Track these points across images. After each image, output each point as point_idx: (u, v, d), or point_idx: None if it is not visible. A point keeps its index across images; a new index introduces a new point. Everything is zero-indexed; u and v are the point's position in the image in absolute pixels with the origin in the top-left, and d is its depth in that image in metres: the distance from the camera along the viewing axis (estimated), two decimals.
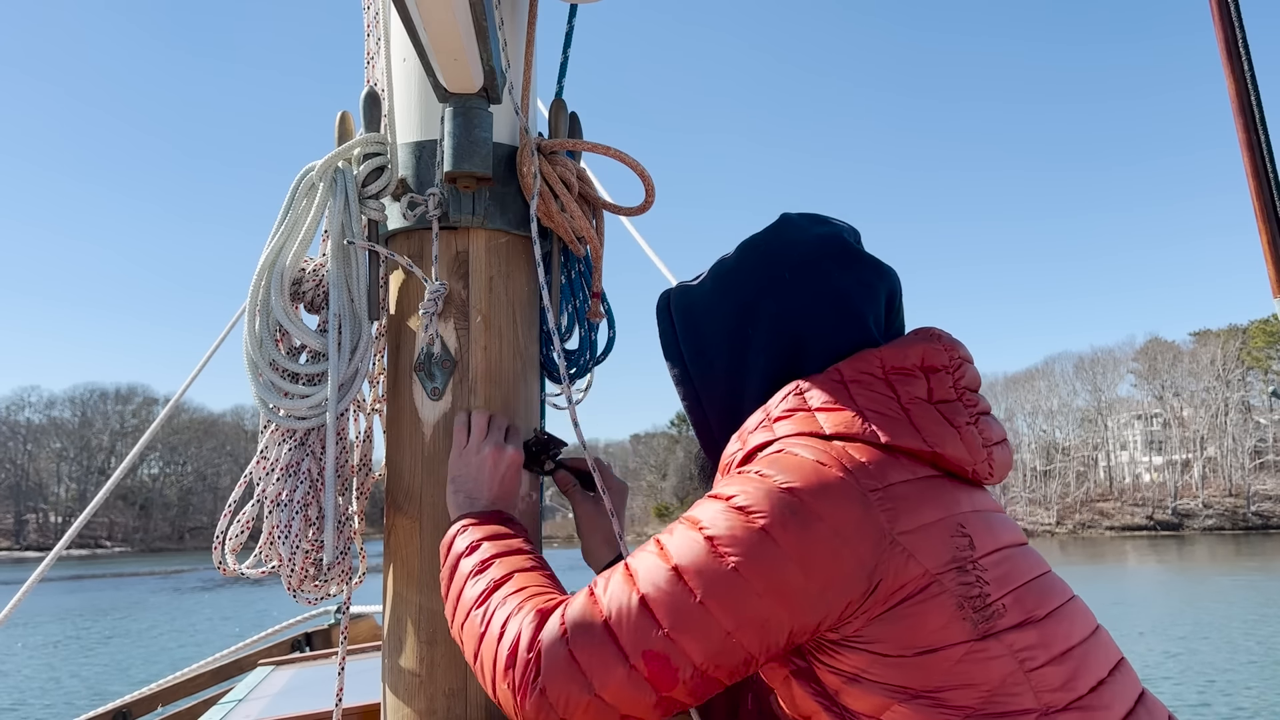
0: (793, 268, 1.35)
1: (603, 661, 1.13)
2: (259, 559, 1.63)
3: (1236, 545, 64.45)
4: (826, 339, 1.32)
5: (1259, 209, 1.85)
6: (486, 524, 1.44)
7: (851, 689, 1.16)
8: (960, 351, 1.33)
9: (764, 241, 1.41)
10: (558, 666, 1.14)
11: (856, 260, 1.37)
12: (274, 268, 1.62)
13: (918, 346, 1.30)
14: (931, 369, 1.29)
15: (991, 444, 1.29)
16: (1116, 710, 1.18)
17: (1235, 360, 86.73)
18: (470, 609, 1.31)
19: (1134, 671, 1.27)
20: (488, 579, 1.33)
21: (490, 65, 1.51)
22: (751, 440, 1.28)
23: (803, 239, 1.38)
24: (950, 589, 1.14)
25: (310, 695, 2.90)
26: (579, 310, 1.87)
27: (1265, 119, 1.84)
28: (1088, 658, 1.20)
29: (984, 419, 1.30)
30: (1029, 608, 1.18)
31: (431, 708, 1.59)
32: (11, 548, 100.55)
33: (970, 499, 1.25)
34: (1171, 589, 34.01)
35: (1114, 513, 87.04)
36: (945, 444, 1.23)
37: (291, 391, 1.61)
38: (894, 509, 1.15)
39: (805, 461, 1.17)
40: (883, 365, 1.28)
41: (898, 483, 1.18)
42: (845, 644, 1.15)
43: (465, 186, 1.64)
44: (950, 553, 1.16)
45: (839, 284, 1.34)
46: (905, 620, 1.13)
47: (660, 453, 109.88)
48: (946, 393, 1.28)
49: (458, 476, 1.55)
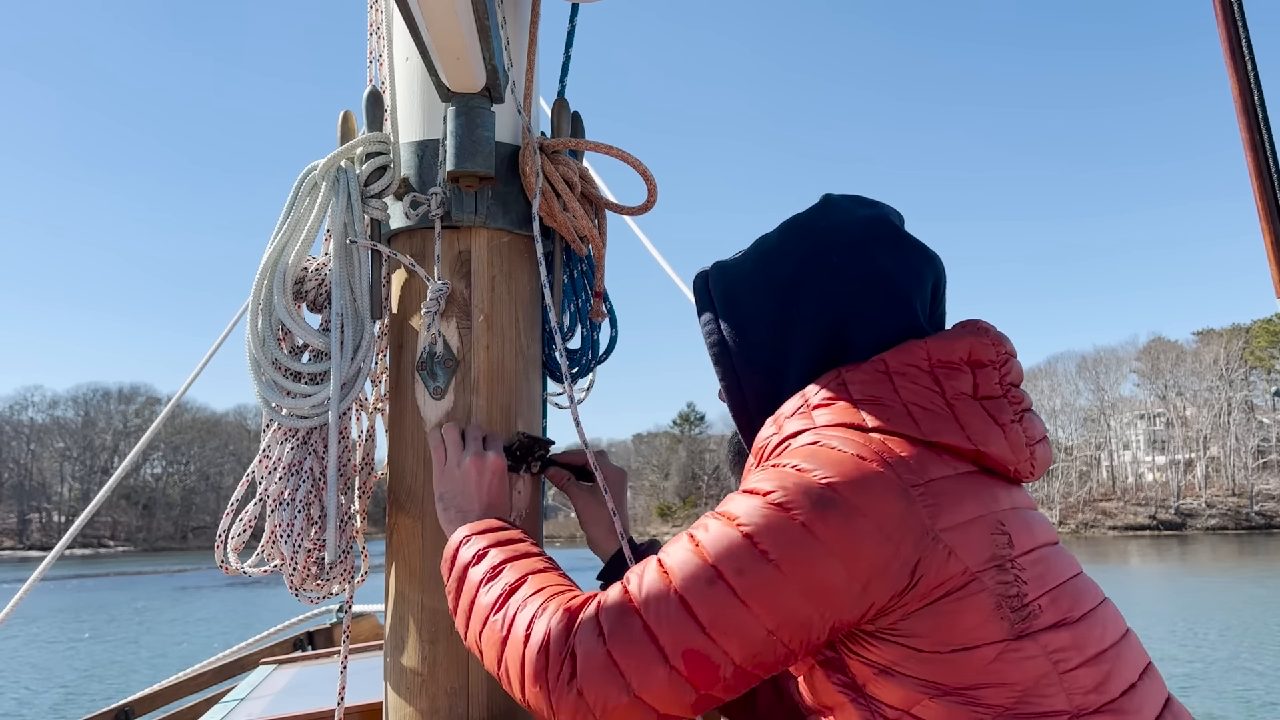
0: (839, 250, 1.32)
1: (642, 662, 1.10)
2: (261, 558, 1.63)
3: (1239, 545, 64.36)
4: (872, 323, 1.28)
5: (1262, 209, 1.85)
6: (489, 532, 1.41)
7: (881, 681, 1.14)
8: (1007, 346, 1.30)
9: (809, 222, 1.37)
10: (595, 667, 1.11)
11: (904, 244, 1.34)
12: (276, 267, 1.62)
13: (965, 340, 1.27)
14: (978, 363, 1.26)
15: (1034, 442, 1.27)
16: (1147, 714, 1.17)
17: (1238, 360, 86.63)
18: (488, 615, 1.26)
19: (1161, 676, 1.25)
20: (502, 584, 1.28)
21: (493, 64, 1.51)
22: (788, 426, 1.25)
23: (849, 220, 1.35)
24: (989, 587, 1.12)
25: (312, 694, 2.91)
26: (581, 309, 1.87)
27: (1269, 119, 1.84)
28: (1119, 661, 1.18)
29: (1028, 416, 1.28)
30: (1064, 609, 1.17)
31: (434, 706, 1.59)
32: (15, 547, 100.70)
33: (1009, 496, 1.23)
34: (1173, 589, 33.96)
35: (1117, 512, 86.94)
36: (989, 442, 1.21)
37: (294, 390, 1.61)
38: (935, 505, 1.13)
39: (845, 455, 1.15)
40: (929, 357, 1.24)
41: (939, 478, 1.16)
42: (880, 636, 1.13)
43: (468, 186, 1.64)
44: (990, 550, 1.14)
45: (886, 268, 1.30)
46: (943, 616, 1.11)
47: (663, 452, 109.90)
48: (992, 389, 1.25)
49: (444, 494, 1.52)
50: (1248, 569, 42.75)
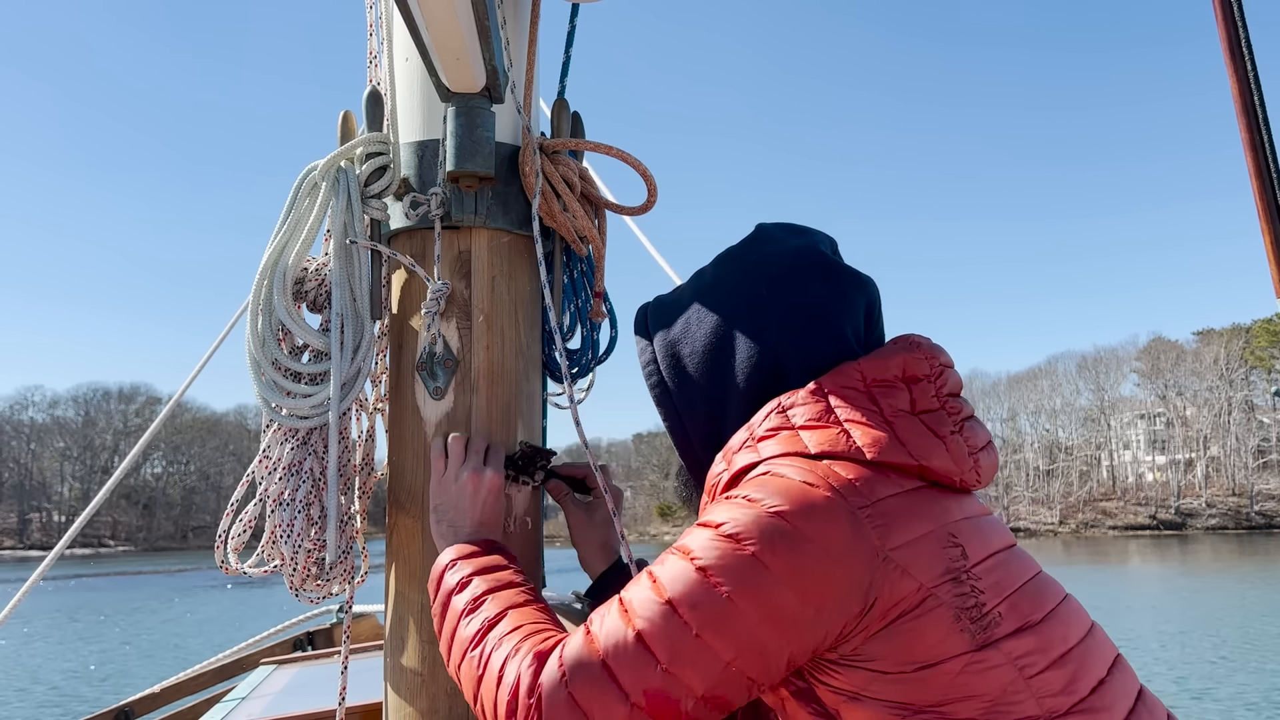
0: (769, 283, 1.34)
1: (603, 702, 1.12)
2: (261, 558, 1.63)
3: (1239, 545, 64.35)
4: (806, 354, 1.30)
5: (1262, 209, 1.85)
6: (475, 557, 1.43)
7: (852, 707, 1.15)
8: (941, 358, 1.31)
9: (740, 255, 1.40)
10: (559, 711, 1.13)
11: (834, 272, 1.35)
12: (276, 267, 1.62)
13: (898, 357, 1.28)
14: (913, 379, 1.27)
15: (977, 450, 1.28)
16: (1119, 709, 1.17)
17: (1238, 359, 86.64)
18: (466, 650, 1.30)
19: (1131, 668, 1.26)
20: (481, 618, 1.31)
21: (492, 65, 1.51)
22: (737, 461, 1.27)
23: (779, 251, 1.37)
24: (946, 601, 1.13)
25: (312, 694, 2.91)
26: (581, 310, 1.87)
27: (1268, 119, 1.84)
28: (1086, 658, 1.19)
29: (968, 425, 1.29)
30: (1025, 613, 1.17)
31: (434, 706, 1.59)
32: (15, 547, 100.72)
33: (959, 506, 1.23)
34: (1175, 589, 33.96)
35: (1117, 512, 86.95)
36: (931, 456, 1.22)
37: (294, 391, 1.61)
38: (885, 525, 1.14)
39: (792, 483, 1.16)
40: (864, 378, 1.26)
41: (886, 497, 1.16)
42: (844, 662, 1.14)
43: (468, 186, 1.65)
44: (944, 564, 1.15)
45: (816, 297, 1.32)
46: (903, 636, 1.12)
47: (663, 452, 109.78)
48: (929, 402, 1.26)
49: (439, 506, 1.53)
50: (1248, 569, 42.75)
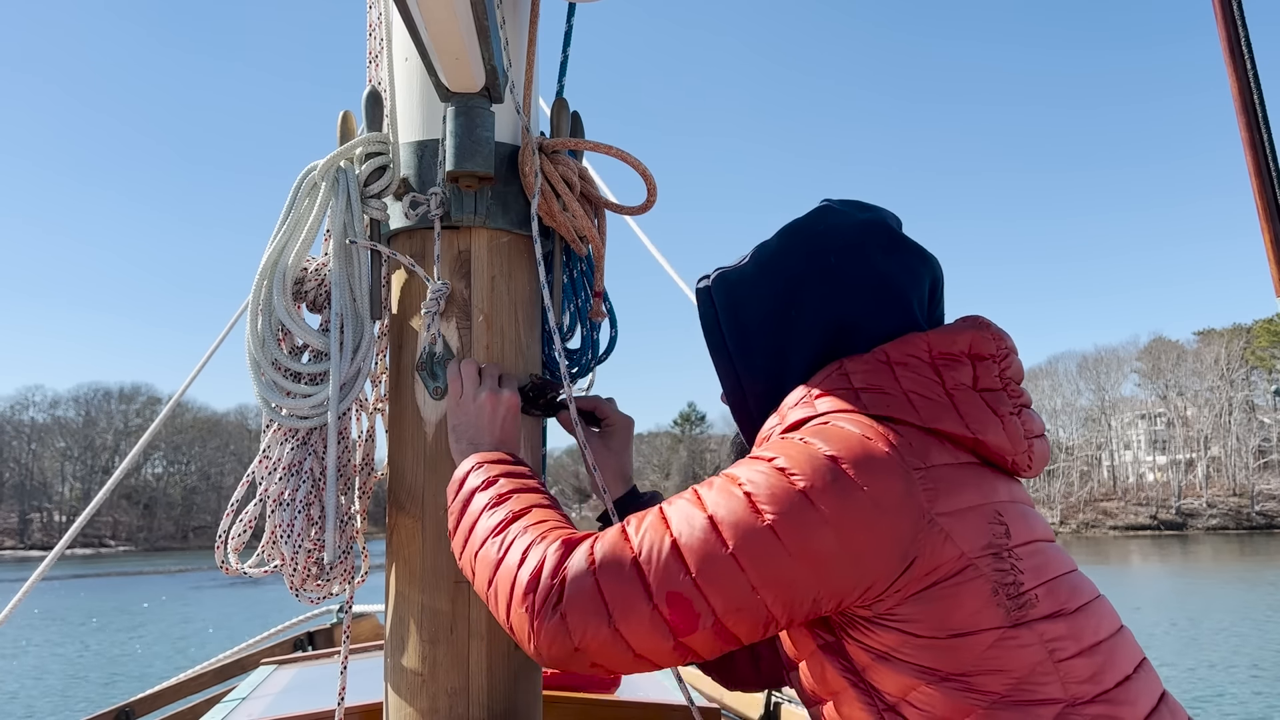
0: (837, 252, 1.35)
1: (627, 597, 1.13)
2: (261, 558, 1.63)
3: (1240, 545, 64.34)
4: (871, 323, 1.32)
5: (1262, 208, 1.85)
6: (500, 463, 1.44)
7: (880, 667, 1.16)
8: (1007, 342, 1.33)
9: (807, 226, 1.41)
10: (582, 595, 1.14)
11: (900, 245, 1.37)
12: (276, 267, 1.62)
13: (966, 333, 1.30)
14: (978, 356, 1.29)
15: (1033, 436, 1.30)
16: (1141, 706, 1.18)
17: (1239, 359, 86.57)
18: (487, 537, 1.30)
19: (1155, 672, 1.27)
20: (506, 509, 1.32)
21: (492, 64, 1.51)
22: (791, 415, 1.28)
23: (846, 224, 1.38)
24: (985, 574, 1.14)
25: (313, 694, 2.91)
26: (581, 309, 1.87)
27: (1268, 118, 1.84)
28: (1114, 654, 1.20)
29: (1026, 411, 1.31)
30: (1060, 600, 1.19)
31: (434, 707, 1.59)
32: (16, 547, 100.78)
33: (1008, 489, 1.25)
34: (1175, 589, 33.96)
35: (1118, 512, 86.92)
36: (988, 431, 1.23)
37: (294, 391, 1.61)
38: (935, 489, 1.15)
39: (851, 434, 1.17)
40: (929, 349, 1.27)
41: (939, 465, 1.18)
42: (878, 621, 1.15)
43: (467, 186, 1.65)
44: (987, 538, 1.16)
45: (883, 269, 1.34)
46: (940, 602, 1.13)
47: (663, 452, 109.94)
48: (992, 381, 1.28)
49: (457, 425, 1.54)
50: (1248, 569, 42.74)
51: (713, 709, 2.79)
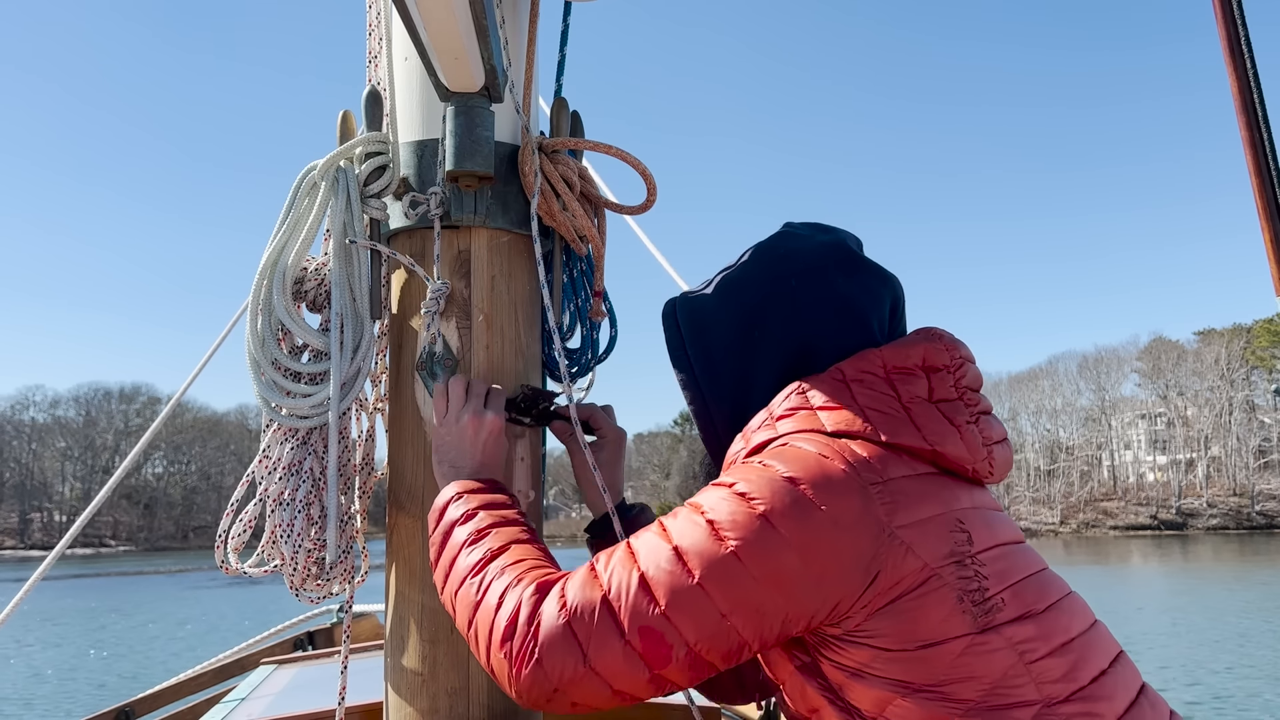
0: (798, 275, 1.37)
1: (599, 635, 1.15)
2: (261, 558, 1.63)
3: (1240, 545, 64.34)
4: (832, 344, 1.34)
5: (1262, 208, 1.84)
6: (480, 493, 1.44)
7: (855, 684, 1.17)
8: (961, 351, 1.35)
9: (769, 250, 1.43)
10: (555, 639, 1.16)
11: (860, 267, 1.39)
12: (276, 267, 1.62)
13: (919, 346, 1.32)
14: (932, 368, 1.31)
15: (992, 443, 1.31)
16: (1119, 700, 1.19)
17: (1239, 359, 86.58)
18: (465, 577, 1.32)
19: (1134, 664, 1.28)
20: (484, 548, 1.33)
21: (491, 64, 1.51)
22: (755, 438, 1.30)
23: (807, 247, 1.40)
24: (949, 582, 1.15)
25: (313, 694, 2.91)
26: (581, 309, 1.88)
27: (1268, 117, 1.84)
28: (1087, 650, 1.21)
29: (984, 418, 1.32)
30: (1028, 602, 1.20)
31: (434, 706, 1.59)
32: (16, 546, 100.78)
33: (970, 496, 1.26)
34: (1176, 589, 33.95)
35: (1118, 512, 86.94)
36: (945, 442, 1.25)
37: (294, 390, 1.61)
38: (893, 503, 1.17)
39: (808, 454, 1.19)
40: (884, 364, 1.30)
41: (898, 478, 1.19)
42: (848, 639, 1.16)
43: (467, 185, 1.65)
44: (949, 547, 1.17)
45: (844, 290, 1.36)
46: (906, 614, 1.14)
47: (663, 452, 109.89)
48: (947, 392, 1.30)
49: (440, 447, 1.54)
50: (1248, 569, 42.72)
51: (713, 709, 2.79)
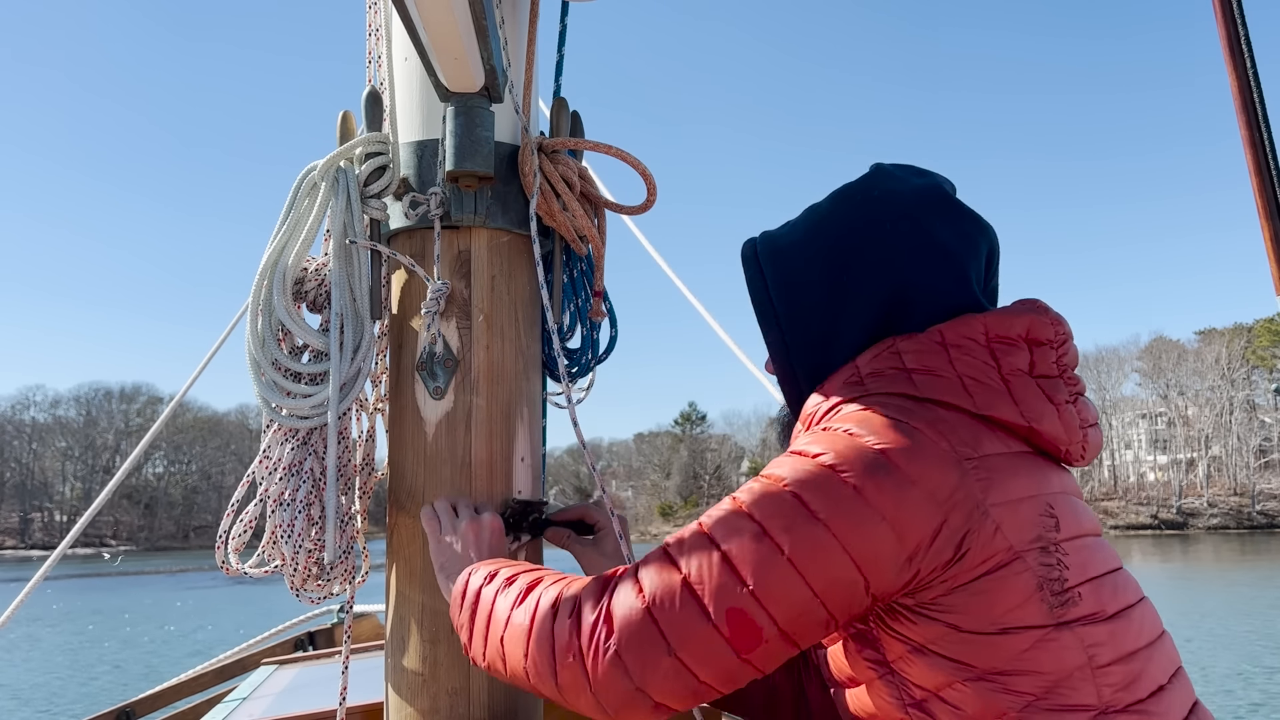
0: (895, 218, 1.29)
1: (684, 620, 1.06)
2: (262, 558, 1.63)
3: (1241, 544, 64.31)
4: (928, 295, 1.26)
5: (1261, 206, 1.85)
6: (492, 561, 1.37)
7: (913, 659, 1.12)
8: (1065, 327, 1.28)
9: (861, 190, 1.34)
10: (633, 628, 1.07)
11: (959, 213, 1.32)
12: (276, 267, 1.62)
13: (1024, 317, 1.25)
14: (1036, 342, 1.24)
15: (1087, 425, 1.26)
16: (1173, 718, 1.15)
17: (1240, 359, 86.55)
18: (510, 611, 1.20)
19: (1189, 681, 1.24)
20: (520, 584, 1.24)
21: (491, 64, 1.51)
22: (838, 395, 1.24)
23: (902, 189, 1.32)
24: (1032, 567, 1.10)
25: (313, 694, 2.91)
26: (581, 309, 1.87)
27: (1268, 115, 1.84)
28: (1151, 662, 1.17)
29: (1081, 399, 1.27)
30: (1103, 600, 1.15)
31: (435, 706, 1.59)
32: (17, 546, 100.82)
33: (1060, 480, 1.22)
34: (1176, 588, 33.95)
35: (1118, 512, 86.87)
36: (1043, 420, 1.20)
37: (294, 391, 1.61)
38: (988, 479, 1.11)
39: (899, 422, 1.12)
40: (986, 332, 1.23)
41: (992, 454, 1.14)
42: (920, 610, 1.11)
43: (467, 186, 1.65)
44: (1036, 530, 1.12)
45: (941, 237, 1.28)
46: (984, 594, 1.09)
47: (664, 452, 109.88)
48: (1049, 368, 1.24)
49: (444, 563, 1.47)
50: (1249, 568, 42.71)
51: (713, 710, 2.79)
